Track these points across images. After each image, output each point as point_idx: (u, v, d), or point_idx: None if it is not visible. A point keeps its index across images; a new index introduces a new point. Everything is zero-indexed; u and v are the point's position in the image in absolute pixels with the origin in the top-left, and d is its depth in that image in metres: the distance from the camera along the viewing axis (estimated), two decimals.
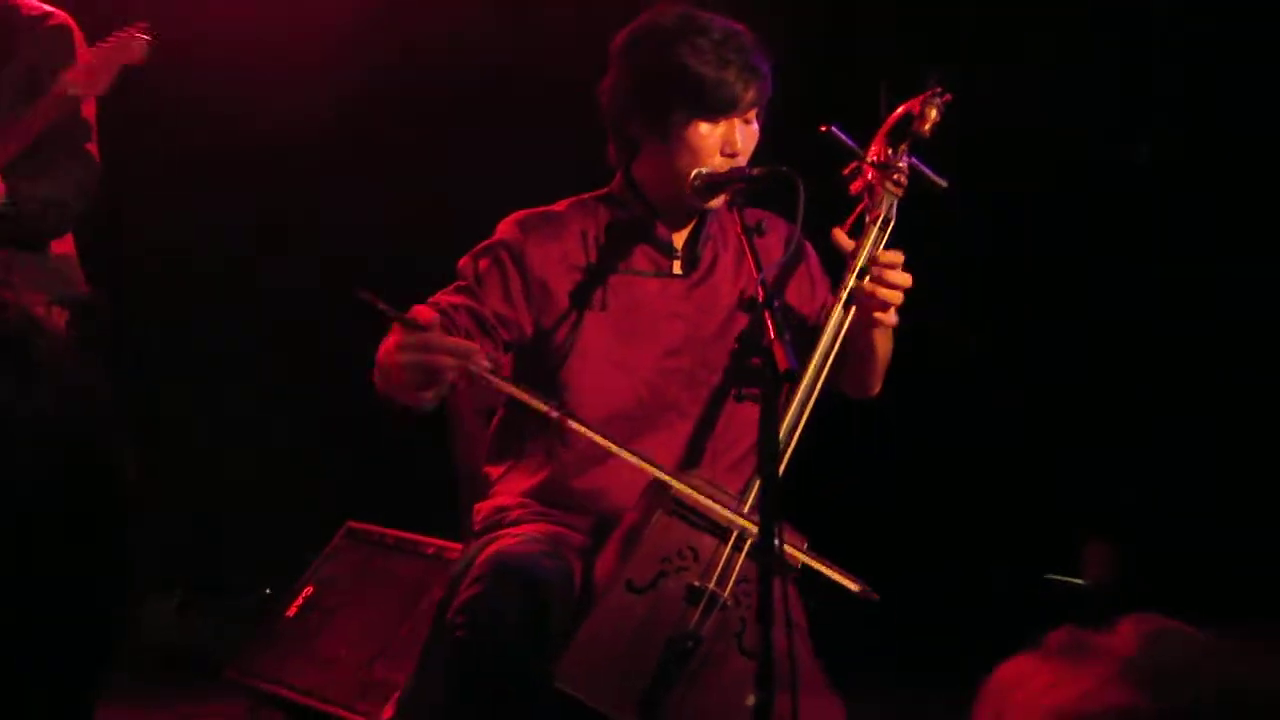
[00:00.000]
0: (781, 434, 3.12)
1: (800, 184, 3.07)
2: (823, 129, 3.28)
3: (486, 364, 3.01)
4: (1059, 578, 6.11)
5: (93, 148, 4.29)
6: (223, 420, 6.22)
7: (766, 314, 2.79)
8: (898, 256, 3.27)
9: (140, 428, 4.10)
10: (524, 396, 3.14)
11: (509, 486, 3.47)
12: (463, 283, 3.41)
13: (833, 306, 3.28)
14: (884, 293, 3.25)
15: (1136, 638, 1.33)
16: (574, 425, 3.16)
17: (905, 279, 3.26)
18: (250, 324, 6.12)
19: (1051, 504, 6.02)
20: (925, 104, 3.35)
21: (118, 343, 4.20)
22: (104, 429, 1.30)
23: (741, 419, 3.45)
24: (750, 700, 3.01)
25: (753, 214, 3.40)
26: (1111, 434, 5.97)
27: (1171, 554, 5.63)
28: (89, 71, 4.08)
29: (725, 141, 3.31)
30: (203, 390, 6.22)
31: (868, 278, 3.25)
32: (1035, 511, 6.05)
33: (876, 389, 3.59)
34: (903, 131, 3.36)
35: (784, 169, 3.12)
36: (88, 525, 1.29)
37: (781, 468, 3.02)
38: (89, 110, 4.27)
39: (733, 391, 3.44)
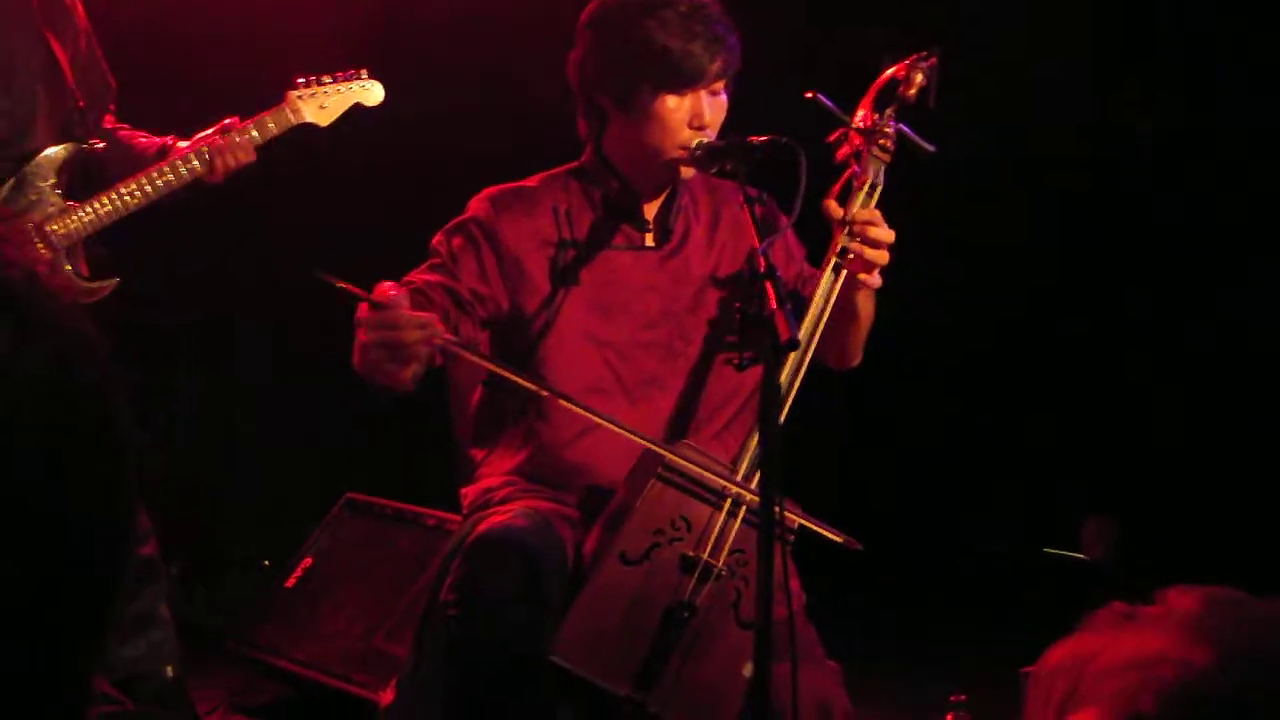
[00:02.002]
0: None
1: (801, 155, 3.06)
2: (808, 95, 3.27)
3: (450, 335, 3.02)
4: (1058, 552, 6.12)
5: None
6: (223, 391, 6.22)
7: (768, 284, 2.78)
8: (876, 213, 3.27)
9: (141, 401, 4.11)
10: (502, 371, 3.15)
11: (493, 468, 3.47)
12: (436, 260, 3.40)
13: (822, 272, 3.28)
14: (870, 253, 3.26)
15: (1198, 601, 1.33)
16: (561, 401, 3.16)
17: (888, 234, 3.27)
18: (250, 295, 6.12)
19: (1052, 479, 6.03)
20: (911, 68, 3.34)
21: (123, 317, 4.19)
22: (103, 386, 1.31)
23: (722, 390, 3.45)
24: (747, 670, 3.03)
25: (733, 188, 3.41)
26: (1113, 411, 5.97)
27: (1172, 529, 5.64)
28: (319, 103, 4.13)
29: (693, 114, 3.30)
30: (204, 362, 6.22)
31: (852, 237, 3.26)
32: (1035, 485, 6.05)
33: (858, 358, 3.59)
34: (889, 96, 3.35)
35: (784, 139, 3.11)
36: (87, 479, 1.30)
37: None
38: None
39: (734, 360, 3.43)
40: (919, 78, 3.35)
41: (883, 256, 3.28)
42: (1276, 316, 5.59)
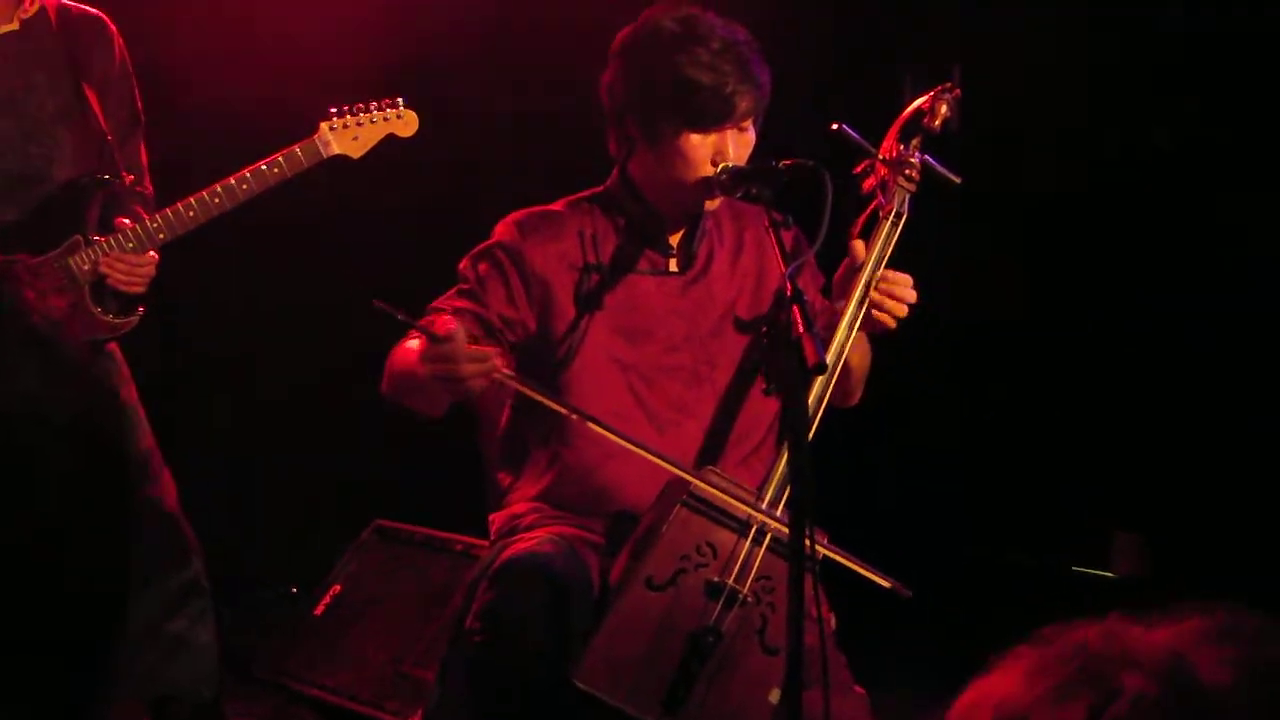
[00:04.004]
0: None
1: (828, 178, 3.07)
2: (834, 127, 3.28)
3: (507, 370, 3.04)
4: (1087, 570, 6.10)
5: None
6: (248, 415, 6.24)
7: (795, 308, 2.76)
8: (906, 278, 3.30)
9: (167, 423, 4.13)
10: (548, 400, 3.16)
11: (520, 493, 3.49)
12: (464, 286, 3.42)
13: (847, 302, 3.29)
14: (890, 305, 3.28)
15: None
16: (598, 428, 3.16)
17: (911, 296, 3.30)
18: (279, 320, 6.14)
19: (1080, 495, 6.01)
20: (936, 99, 3.37)
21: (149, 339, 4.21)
22: (118, 424, 1.36)
23: (748, 415, 3.46)
24: (774, 697, 3.04)
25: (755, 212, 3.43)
26: (1141, 425, 5.95)
27: (1200, 545, 5.62)
28: (352, 134, 4.12)
29: (717, 152, 3.30)
30: (230, 385, 6.24)
31: (876, 289, 3.28)
32: (1063, 503, 6.03)
33: (857, 397, 3.62)
34: (914, 127, 3.37)
35: (811, 163, 3.12)
36: (105, 506, 1.35)
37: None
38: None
39: (761, 385, 3.45)
40: (943, 108, 3.37)
41: (901, 310, 3.30)
42: None
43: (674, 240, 3.50)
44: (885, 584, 3.20)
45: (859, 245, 3.31)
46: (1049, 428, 6.10)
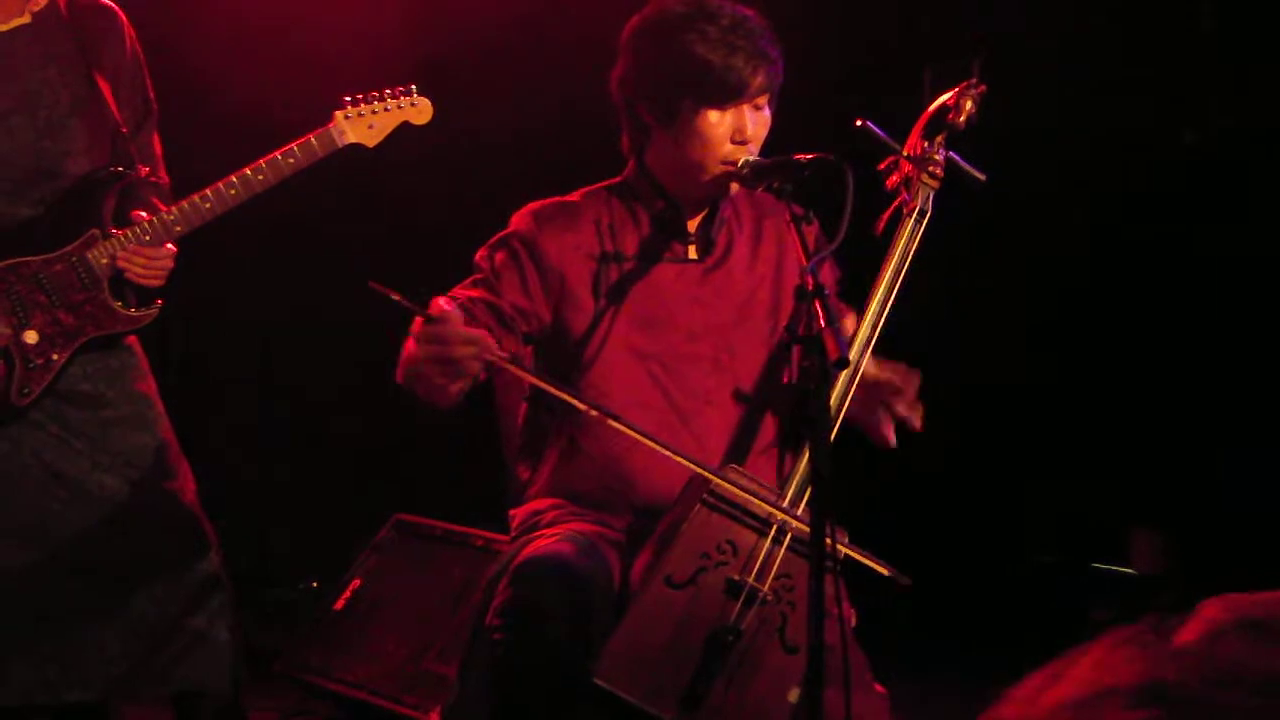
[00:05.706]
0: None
1: (849, 173, 3.05)
2: (858, 123, 3.27)
3: (502, 352, 3.03)
4: (1106, 567, 6.09)
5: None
6: (268, 410, 6.24)
7: (817, 302, 2.76)
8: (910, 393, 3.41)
9: (186, 419, 4.12)
10: (550, 387, 3.16)
11: (540, 488, 3.48)
12: (479, 276, 3.43)
13: (872, 297, 3.29)
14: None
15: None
16: (610, 421, 3.16)
17: (916, 424, 3.42)
18: (298, 313, 6.14)
19: (1100, 493, 5.99)
20: (961, 96, 3.37)
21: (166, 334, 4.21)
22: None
23: (771, 406, 3.46)
24: (793, 695, 3.03)
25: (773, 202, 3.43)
26: (1162, 422, 5.93)
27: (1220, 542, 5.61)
28: (367, 123, 4.10)
29: (735, 129, 3.31)
30: (249, 381, 6.25)
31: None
32: (1083, 500, 6.02)
33: None
34: (939, 124, 3.36)
35: (832, 158, 3.11)
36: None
37: None
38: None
39: (781, 374, 3.45)
40: (968, 105, 3.37)
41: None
42: None
43: (692, 227, 3.49)
44: (885, 572, 3.19)
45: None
46: (1065, 427, 6.09)
